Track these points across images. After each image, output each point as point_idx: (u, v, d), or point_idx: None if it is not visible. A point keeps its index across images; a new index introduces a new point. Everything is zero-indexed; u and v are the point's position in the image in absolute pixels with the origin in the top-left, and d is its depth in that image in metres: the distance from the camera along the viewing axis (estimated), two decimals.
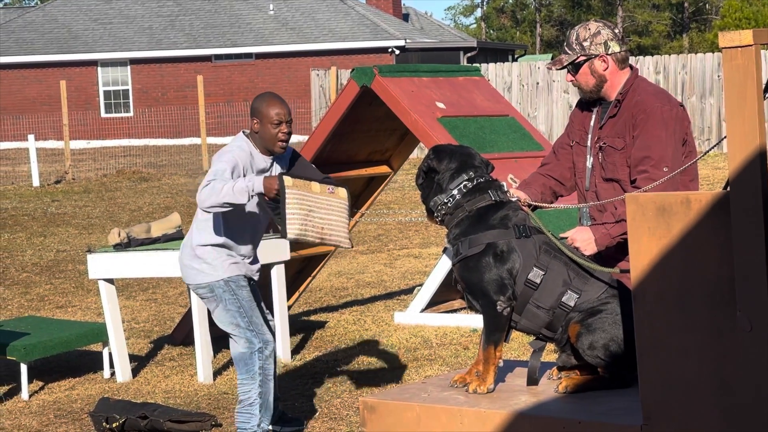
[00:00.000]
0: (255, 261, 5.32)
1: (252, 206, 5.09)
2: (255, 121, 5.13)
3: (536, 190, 4.39)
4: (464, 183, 3.83)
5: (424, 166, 3.90)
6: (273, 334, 5.32)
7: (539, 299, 3.72)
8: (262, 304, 5.36)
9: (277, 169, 5.16)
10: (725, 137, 2.80)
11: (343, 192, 4.98)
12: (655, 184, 3.99)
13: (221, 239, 5.14)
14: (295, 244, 7.69)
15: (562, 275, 3.72)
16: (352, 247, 5.27)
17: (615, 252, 4.25)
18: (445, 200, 3.84)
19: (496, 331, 3.72)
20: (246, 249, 5.22)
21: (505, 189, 3.92)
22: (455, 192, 3.83)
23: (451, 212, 3.83)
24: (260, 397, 5.11)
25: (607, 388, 3.67)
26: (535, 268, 3.72)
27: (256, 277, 5.33)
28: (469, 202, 3.81)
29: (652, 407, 3.17)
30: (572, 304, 3.70)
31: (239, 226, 5.16)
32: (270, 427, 5.21)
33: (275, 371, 5.30)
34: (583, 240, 4.16)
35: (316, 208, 4.85)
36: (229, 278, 5.15)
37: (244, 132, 5.18)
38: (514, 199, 3.94)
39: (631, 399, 3.47)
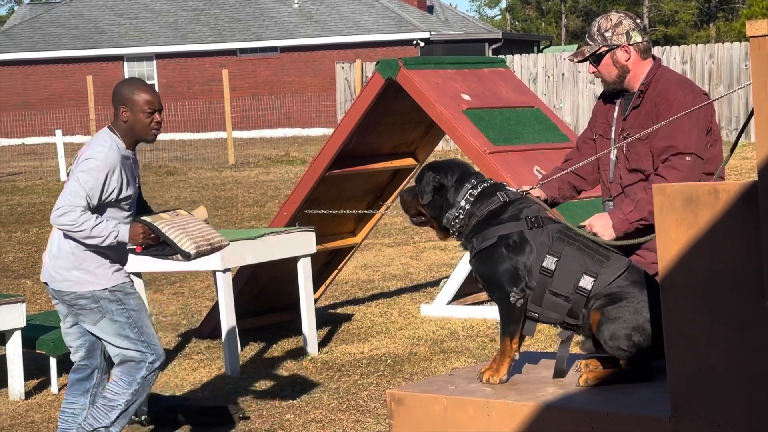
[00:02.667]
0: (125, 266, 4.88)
1: (127, 211, 4.75)
2: (124, 110, 4.68)
3: (554, 185, 4.39)
4: (469, 192, 3.86)
5: (435, 182, 3.89)
6: None
7: (556, 286, 3.72)
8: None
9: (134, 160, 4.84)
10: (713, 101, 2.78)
11: (182, 210, 4.94)
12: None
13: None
14: (319, 238, 7.71)
15: (576, 260, 3.72)
16: (229, 243, 5.04)
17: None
18: (456, 213, 3.86)
19: (510, 323, 3.74)
20: (124, 255, 4.82)
21: (510, 187, 3.94)
22: (463, 203, 3.85)
23: (466, 222, 3.85)
24: (125, 405, 4.78)
25: (629, 381, 3.66)
26: (548, 256, 3.72)
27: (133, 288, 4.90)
28: (479, 208, 3.83)
29: (679, 398, 3.16)
30: (589, 287, 3.69)
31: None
32: None
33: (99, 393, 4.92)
34: (601, 226, 4.16)
35: (183, 225, 4.77)
36: (114, 287, 4.74)
37: (109, 127, 4.74)
38: (524, 191, 3.95)
39: (658, 390, 3.46)
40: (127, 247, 4.76)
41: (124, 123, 4.70)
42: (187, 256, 4.69)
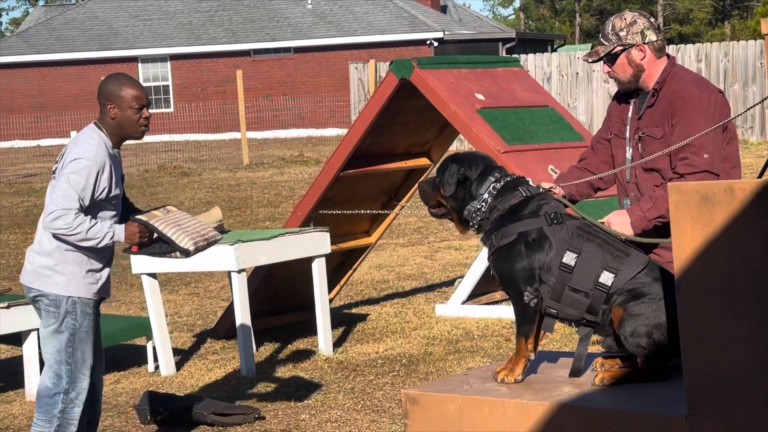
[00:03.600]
0: (108, 278, 4.73)
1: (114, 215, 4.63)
2: (111, 107, 4.53)
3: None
4: (493, 185, 3.85)
5: (459, 174, 3.88)
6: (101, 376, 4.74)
7: (576, 282, 3.71)
8: (100, 339, 4.77)
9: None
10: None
11: (172, 207, 4.84)
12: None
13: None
14: (334, 238, 7.72)
15: (596, 256, 3.71)
16: (222, 237, 4.96)
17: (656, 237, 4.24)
18: (478, 206, 3.85)
19: (524, 323, 3.73)
20: (110, 257, 4.69)
21: (532, 183, 3.93)
22: (486, 195, 3.84)
23: (487, 216, 3.84)
24: None
25: (645, 380, 3.65)
26: (568, 252, 3.71)
27: (104, 300, 4.73)
28: (501, 202, 3.82)
29: (696, 397, 3.15)
30: (609, 283, 3.68)
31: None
32: None
33: (95, 422, 4.77)
34: (620, 223, 4.15)
35: (178, 221, 4.68)
36: (80, 299, 4.57)
37: (96, 124, 4.60)
38: (544, 189, 3.95)
39: (675, 389, 3.44)
40: (124, 247, 4.67)
41: (112, 120, 4.56)
42: (186, 253, 4.62)
